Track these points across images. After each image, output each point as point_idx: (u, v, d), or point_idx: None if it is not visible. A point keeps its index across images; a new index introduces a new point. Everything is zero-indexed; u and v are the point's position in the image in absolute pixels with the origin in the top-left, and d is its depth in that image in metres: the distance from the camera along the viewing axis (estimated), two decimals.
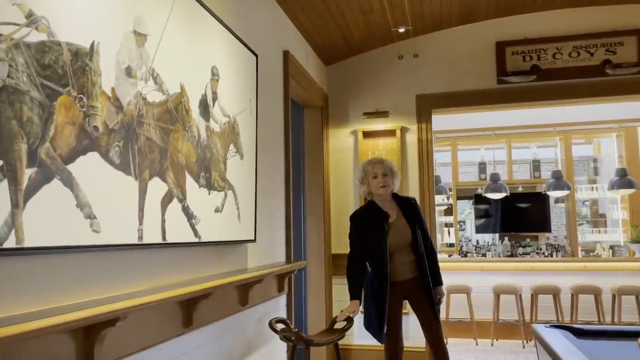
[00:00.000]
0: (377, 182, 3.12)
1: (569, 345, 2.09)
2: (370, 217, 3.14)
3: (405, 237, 3.12)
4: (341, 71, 4.87)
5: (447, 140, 8.09)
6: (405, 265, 3.15)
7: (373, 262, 3.13)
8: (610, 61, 4.22)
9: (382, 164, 3.17)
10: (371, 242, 3.10)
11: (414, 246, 3.13)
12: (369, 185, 3.17)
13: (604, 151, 8.31)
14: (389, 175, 3.15)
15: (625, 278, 5.76)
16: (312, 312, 4.47)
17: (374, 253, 3.10)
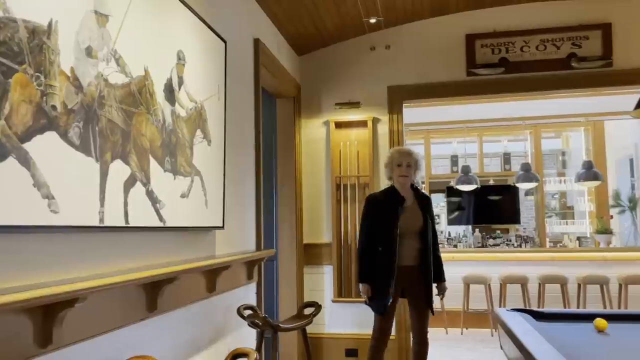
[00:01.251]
0: (400, 170, 3.38)
1: (528, 327, 2.15)
2: (387, 199, 3.39)
3: (416, 223, 3.35)
4: (314, 61, 4.88)
5: (421, 133, 8.18)
6: (411, 250, 3.35)
7: (383, 241, 3.31)
8: (576, 54, 4.32)
9: (408, 155, 3.43)
10: (383, 222, 3.32)
11: (423, 234, 3.35)
12: (392, 170, 3.44)
13: (572, 145, 8.52)
14: (412, 167, 3.41)
15: (591, 268, 5.93)
16: (284, 300, 4.49)
17: (384, 233, 3.30)
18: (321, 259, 4.71)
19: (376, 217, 3.37)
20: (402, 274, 3.31)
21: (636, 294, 5.73)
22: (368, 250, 3.36)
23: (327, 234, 4.73)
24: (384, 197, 3.43)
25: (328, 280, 4.68)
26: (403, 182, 3.41)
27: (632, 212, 6.74)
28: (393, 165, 3.43)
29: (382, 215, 3.35)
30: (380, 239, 3.34)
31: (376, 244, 3.35)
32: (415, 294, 3.36)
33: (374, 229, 3.37)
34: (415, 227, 3.35)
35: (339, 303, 4.63)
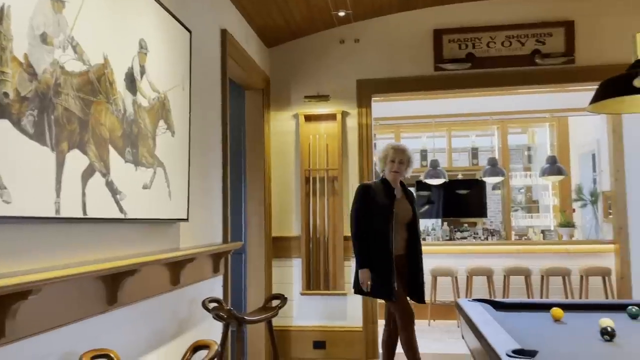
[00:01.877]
0: (392, 166, 3.55)
1: (487, 317, 2.20)
2: (380, 190, 3.54)
3: (407, 215, 3.55)
4: (283, 54, 4.86)
5: (391, 128, 8.24)
6: (400, 241, 3.53)
7: (377, 230, 3.44)
8: (540, 51, 4.41)
9: (402, 153, 3.59)
10: (378, 211, 3.46)
11: (411, 225, 3.55)
12: (385, 165, 3.60)
13: (537, 140, 8.71)
14: (404, 164, 3.58)
15: (553, 260, 6.09)
16: (252, 293, 4.48)
17: (379, 222, 3.44)
18: (290, 252, 4.71)
19: (370, 206, 3.50)
20: (396, 260, 3.47)
21: (596, 285, 5.92)
22: (363, 238, 3.48)
23: (296, 227, 4.74)
24: (377, 188, 3.57)
25: (297, 273, 4.69)
26: (394, 178, 3.58)
27: (594, 206, 6.93)
28: (387, 161, 3.59)
29: (376, 205, 3.48)
30: (374, 227, 3.46)
31: (369, 232, 3.47)
32: (405, 281, 3.52)
33: (367, 218, 3.49)
34: (406, 219, 3.55)
35: (308, 296, 4.65)
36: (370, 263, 3.45)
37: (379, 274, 3.43)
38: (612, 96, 2.09)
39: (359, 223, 3.52)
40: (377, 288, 3.45)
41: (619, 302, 2.54)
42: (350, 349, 4.53)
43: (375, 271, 3.44)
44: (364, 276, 3.46)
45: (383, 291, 3.43)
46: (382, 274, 3.42)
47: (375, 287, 3.45)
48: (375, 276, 3.45)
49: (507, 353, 1.59)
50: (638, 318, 2.22)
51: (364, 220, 3.51)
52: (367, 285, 3.45)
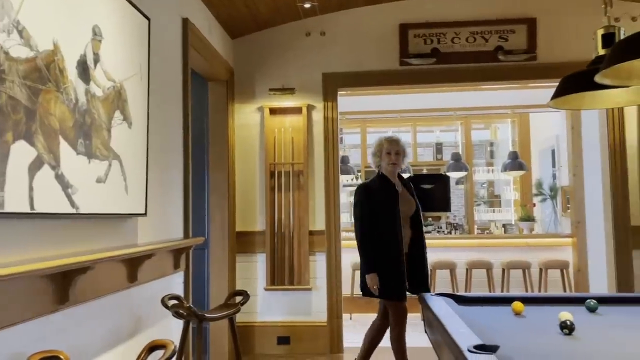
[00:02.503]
0: (390, 158, 3.43)
1: (449, 311, 2.20)
2: (381, 187, 3.42)
3: (411, 208, 3.44)
4: (248, 45, 4.77)
5: (357, 122, 8.24)
6: (406, 237, 3.41)
7: (386, 228, 3.32)
8: (503, 47, 4.47)
9: (397, 143, 3.49)
10: (383, 209, 3.34)
11: (415, 219, 3.45)
12: (381, 159, 3.47)
13: (500, 136, 8.88)
14: (400, 154, 3.47)
15: (514, 253, 6.21)
16: (215, 289, 4.40)
17: (386, 221, 3.32)
18: (254, 247, 4.65)
19: (373, 205, 3.37)
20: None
21: (554, 277, 6.08)
22: (369, 239, 3.35)
23: (261, 221, 4.67)
24: (378, 185, 3.44)
25: (261, 268, 4.63)
26: (392, 170, 3.46)
27: (553, 200, 7.11)
28: (382, 154, 3.46)
29: (380, 203, 3.36)
30: (381, 227, 3.33)
31: (375, 232, 3.34)
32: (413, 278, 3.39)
33: (372, 218, 3.35)
34: (410, 212, 3.44)
35: (272, 291, 4.59)
36: (379, 265, 3.32)
37: (389, 275, 3.30)
38: (573, 92, 2.12)
39: (364, 225, 3.38)
40: (387, 289, 3.32)
41: (578, 296, 2.59)
42: (314, 344, 4.51)
43: (385, 272, 3.31)
44: (372, 281, 3.31)
45: (395, 293, 3.32)
46: (394, 275, 3.30)
47: (386, 289, 3.32)
48: (385, 277, 3.31)
49: (468, 348, 1.58)
50: (596, 311, 2.27)
51: (368, 221, 3.36)
52: (375, 290, 3.32)
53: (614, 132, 4.41)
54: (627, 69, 1.66)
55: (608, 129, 4.42)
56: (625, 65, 1.59)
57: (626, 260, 4.32)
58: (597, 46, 2.12)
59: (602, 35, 2.10)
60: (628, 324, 2.09)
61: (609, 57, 1.57)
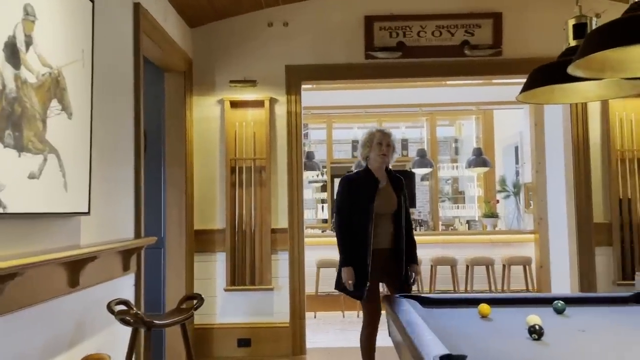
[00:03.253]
0: (380, 149, 3.35)
1: (413, 315, 2.09)
2: (362, 180, 3.37)
3: (391, 205, 3.36)
4: (207, 35, 4.56)
5: (322, 118, 8.12)
6: (386, 234, 3.34)
7: (358, 222, 3.27)
8: (469, 42, 4.40)
9: (389, 136, 3.43)
10: (359, 203, 3.29)
11: (397, 216, 3.37)
12: (371, 149, 3.38)
13: (464, 132, 8.91)
14: (390, 147, 3.41)
15: (478, 250, 6.21)
16: (171, 291, 4.18)
17: (360, 215, 3.27)
18: (213, 246, 4.45)
19: (352, 198, 3.34)
20: (377, 258, 3.27)
21: (517, 274, 6.11)
22: (347, 233, 3.30)
23: (221, 219, 4.48)
24: (360, 179, 3.40)
25: (220, 268, 4.44)
26: (382, 162, 3.39)
27: (516, 197, 7.16)
28: (373, 144, 3.38)
29: (357, 197, 3.32)
30: (355, 221, 3.29)
31: (352, 226, 3.30)
32: (392, 277, 3.35)
33: (350, 211, 3.32)
34: (390, 209, 3.36)
35: (232, 292, 4.42)
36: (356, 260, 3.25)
37: (355, 272, 3.24)
38: (543, 84, 2.03)
39: (342, 218, 3.34)
40: (355, 287, 3.25)
41: (544, 297, 2.53)
42: (276, 346, 4.36)
43: (354, 269, 3.25)
44: (347, 275, 3.24)
45: (355, 290, 3.25)
46: (358, 272, 3.23)
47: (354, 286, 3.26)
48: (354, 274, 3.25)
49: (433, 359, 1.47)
50: (564, 313, 2.20)
51: (346, 214, 3.32)
52: (349, 285, 3.23)
53: (577, 129, 4.40)
54: (601, 60, 1.57)
55: (572, 125, 4.42)
56: (599, 56, 1.51)
57: (588, 257, 4.33)
58: (568, 37, 2.04)
59: (573, 25, 2.02)
60: (596, 326, 2.02)
61: (583, 48, 1.48)
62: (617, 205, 4.30)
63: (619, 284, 4.23)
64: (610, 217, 4.33)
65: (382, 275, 3.35)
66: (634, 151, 4.34)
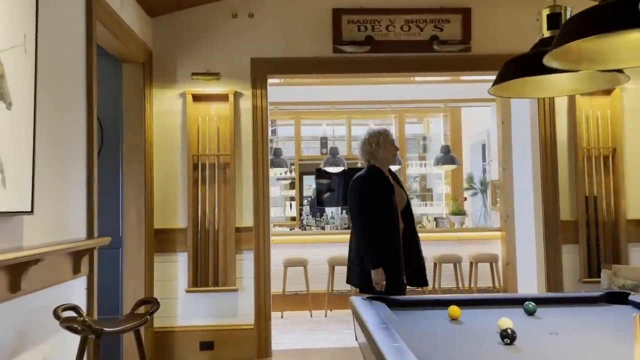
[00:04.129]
0: (396, 148, 3.45)
1: (380, 319, 1.98)
2: (379, 179, 3.38)
3: (403, 201, 3.41)
4: (168, 25, 4.36)
5: (290, 114, 7.99)
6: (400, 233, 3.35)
7: (386, 219, 3.27)
8: (438, 37, 4.34)
9: None
10: (380, 201, 3.30)
11: (407, 212, 3.42)
12: (385, 150, 3.38)
13: (432, 130, 8.91)
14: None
15: (446, 247, 6.18)
16: (130, 293, 3.98)
17: (385, 214, 3.28)
18: (175, 245, 4.27)
19: (372, 198, 3.31)
20: None
21: (484, 271, 6.11)
22: (375, 233, 3.25)
23: (182, 217, 4.30)
24: (373, 178, 3.38)
25: (182, 268, 4.26)
26: (393, 161, 3.49)
27: (483, 194, 7.18)
28: (388, 142, 3.40)
29: (378, 196, 3.32)
30: (381, 221, 3.27)
31: (376, 225, 3.27)
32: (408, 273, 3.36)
33: (373, 210, 3.29)
34: (402, 206, 3.41)
35: (194, 293, 4.24)
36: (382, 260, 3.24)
37: (390, 271, 3.23)
38: (516, 77, 1.94)
39: (365, 218, 3.28)
40: (388, 286, 3.22)
41: (514, 297, 2.46)
42: (240, 349, 4.21)
43: (386, 268, 3.23)
44: (379, 276, 3.19)
45: (396, 288, 3.19)
46: (394, 271, 3.24)
47: (387, 285, 3.22)
48: (386, 273, 3.23)
49: None
50: (535, 314, 2.13)
51: (369, 214, 3.28)
52: (382, 286, 3.19)
53: (544, 126, 4.39)
54: (577, 50, 1.49)
55: (539, 123, 4.41)
56: (575, 47, 1.43)
57: (555, 254, 4.33)
58: (542, 27, 1.97)
59: (547, 15, 1.94)
60: (568, 328, 1.96)
61: (559, 37, 1.40)
62: (584, 203, 4.32)
63: (585, 282, 4.25)
64: (576, 214, 4.34)
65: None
66: (600, 148, 4.37)
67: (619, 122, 4.37)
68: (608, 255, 4.26)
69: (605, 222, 4.31)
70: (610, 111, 4.36)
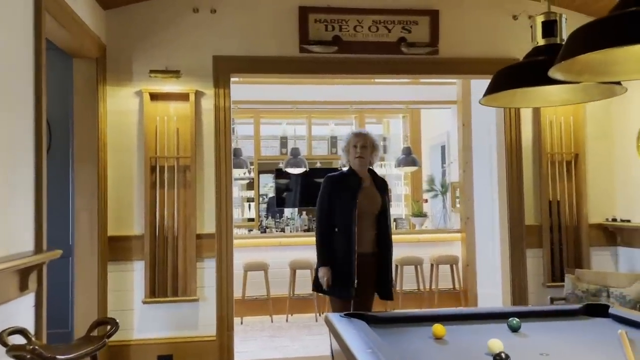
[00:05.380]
0: (355, 152, 3.35)
1: (363, 341, 1.86)
2: (345, 179, 3.35)
3: (375, 205, 3.33)
4: (124, 18, 4.08)
5: (250, 112, 7.79)
6: (368, 237, 3.30)
7: (341, 222, 3.26)
8: (406, 39, 4.26)
9: (364, 137, 3.40)
10: (342, 202, 3.28)
11: (379, 217, 3.33)
12: (349, 153, 3.39)
13: (392, 131, 8.90)
14: (367, 148, 3.36)
15: (407, 249, 6.15)
16: (81, 307, 3.72)
17: (342, 215, 3.25)
18: (130, 253, 4.01)
19: (334, 198, 3.32)
20: (363, 258, 3.25)
21: (445, 272, 6.13)
22: (326, 233, 3.32)
23: (139, 224, 4.04)
24: (343, 178, 3.39)
25: (138, 278, 4.00)
26: (359, 164, 3.37)
27: (444, 196, 7.22)
28: (349, 147, 3.40)
29: (340, 196, 3.31)
30: (338, 221, 3.29)
31: (334, 226, 3.31)
32: (367, 282, 3.30)
33: (331, 211, 3.31)
34: (373, 209, 3.33)
35: (152, 304, 4.00)
36: (333, 261, 3.26)
37: (339, 273, 3.24)
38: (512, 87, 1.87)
39: (322, 217, 3.34)
40: (336, 288, 3.26)
41: (497, 311, 2.40)
42: None
43: (336, 269, 3.25)
44: (324, 274, 3.26)
45: (339, 292, 3.24)
46: (341, 273, 3.23)
47: (334, 287, 3.26)
48: (335, 275, 3.25)
49: None
50: (519, 331, 2.07)
51: (327, 214, 3.32)
52: (326, 284, 3.24)
53: (510, 132, 4.41)
54: (583, 61, 1.42)
55: (505, 129, 4.42)
56: (581, 58, 1.35)
57: (520, 259, 4.35)
58: (536, 35, 1.88)
59: (542, 22, 1.87)
60: (557, 348, 1.90)
61: (568, 49, 1.32)
62: (547, 208, 4.36)
63: (549, 286, 4.29)
64: (540, 219, 4.37)
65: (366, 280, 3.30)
66: (563, 154, 4.42)
67: (581, 128, 4.44)
68: (571, 259, 4.33)
69: (568, 227, 4.37)
70: (573, 117, 4.42)
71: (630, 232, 4.27)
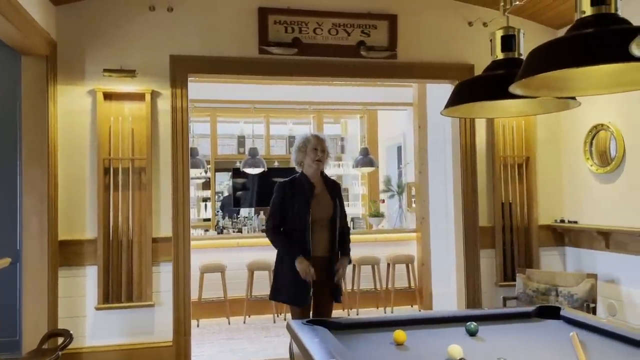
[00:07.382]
0: (316, 154, 3.34)
1: (325, 349, 1.87)
2: (298, 187, 3.34)
3: (327, 210, 3.33)
4: (76, 14, 3.93)
5: (207, 111, 7.67)
6: (323, 241, 3.30)
7: (295, 228, 3.27)
8: (365, 43, 4.30)
9: (324, 141, 3.43)
10: (295, 210, 3.28)
11: (333, 222, 3.33)
12: (306, 155, 3.36)
13: (349, 131, 8.98)
14: (325, 152, 3.39)
15: (364, 249, 6.22)
16: (30, 315, 3.57)
17: (296, 221, 3.26)
18: (83, 258, 3.88)
19: (287, 205, 3.32)
20: (318, 262, 3.24)
21: (401, 272, 6.24)
22: (280, 233, 3.33)
23: (91, 227, 3.91)
24: (295, 184, 3.37)
25: (91, 284, 3.87)
26: (316, 168, 3.37)
27: (400, 196, 7.34)
28: (308, 149, 3.37)
29: (292, 204, 3.30)
30: (291, 227, 3.29)
31: (285, 233, 3.32)
32: (323, 285, 3.28)
33: (283, 217, 3.32)
34: (326, 215, 3.33)
35: (105, 310, 3.88)
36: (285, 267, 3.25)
37: (294, 280, 3.21)
38: (471, 100, 1.92)
39: (273, 222, 3.34)
40: (292, 295, 3.24)
41: (456, 315, 2.46)
42: None
43: (291, 276, 3.22)
44: (303, 265, 3.17)
45: (295, 297, 3.23)
46: (298, 280, 3.20)
47: (290, 295, 3.25)
48: (291, 282, 3.23)
49: None
50: (477, 335, 2.13)
51: (278, 220, 3.33)
52: (311, 275, 3.17)
53: (465, 136, 4.52)
54: (540, 78, 1.48)
55: (460, 132, 4.53)
56: (540, 76, 1.40)
57: (474, 259, 4.48)
58: (495, 49, 1.94)
59: (501, 37, 1.92)
60: (513, 350, 1.97)
61: (528, 67, 1.37)
62: (500, 209, 4.50)
63: (501, 285, 4.44)
64: (493, 220, 4.52)
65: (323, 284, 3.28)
66: (515, 157, 4.58)
67: (532, 132, 4.61)
68: (522, 259, 4.49)
69: (519, 228, 4.54)
70: (525, 122, 4.58)
71: (577, 233, 4.47)
